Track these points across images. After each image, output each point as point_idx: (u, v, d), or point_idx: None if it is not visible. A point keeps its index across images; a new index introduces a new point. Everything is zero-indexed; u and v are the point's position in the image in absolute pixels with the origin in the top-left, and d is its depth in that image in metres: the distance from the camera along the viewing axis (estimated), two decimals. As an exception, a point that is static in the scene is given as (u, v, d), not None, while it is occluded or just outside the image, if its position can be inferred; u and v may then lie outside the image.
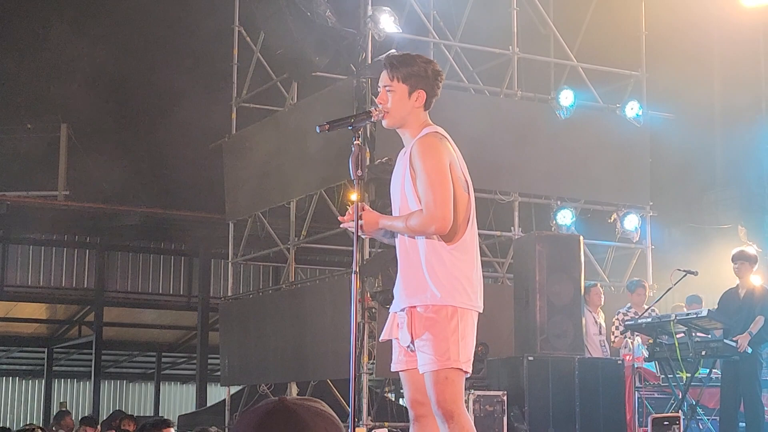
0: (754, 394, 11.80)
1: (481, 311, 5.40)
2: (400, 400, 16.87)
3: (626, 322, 13.54)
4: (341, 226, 5.57)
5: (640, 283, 15.18)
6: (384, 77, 5.48)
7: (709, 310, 11.89)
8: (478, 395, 12.26)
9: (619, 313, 14.71)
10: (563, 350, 12.84)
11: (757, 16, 17.97)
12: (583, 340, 13.51)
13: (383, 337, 5.59)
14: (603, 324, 14.56)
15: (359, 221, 5.34)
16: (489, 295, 5.67)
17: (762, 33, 18.34)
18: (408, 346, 5.33)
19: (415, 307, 5.27)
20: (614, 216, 16.94)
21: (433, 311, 5.21)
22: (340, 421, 2.68)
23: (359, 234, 5.40)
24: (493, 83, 17.11)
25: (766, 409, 12.31)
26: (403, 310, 5.35)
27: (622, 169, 17.11)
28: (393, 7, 15.67)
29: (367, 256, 14.30)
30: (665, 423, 11.14)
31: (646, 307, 14.16)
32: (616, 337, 14.42)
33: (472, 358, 5.36)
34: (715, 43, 18.51)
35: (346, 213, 5.47)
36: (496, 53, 17.11)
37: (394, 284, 5.57)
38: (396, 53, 5.64)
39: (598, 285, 15.04)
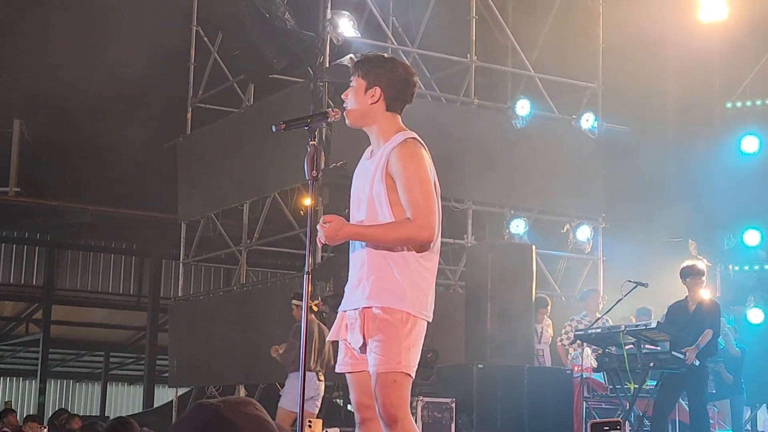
0: (701, 406, 11.87)
1: (430, 321, 5.37)
2: (349, 405, 16.81)
3: (576, 332, 13.58)
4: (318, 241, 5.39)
5: (594, 290, 15.29)
6: (351, 73, 5.45)
7: (658, 321, 11.95)
8: (426, 402, 12.25)
9: (572, 320, 14.77)
10: (513, 358, 12.86)
11: (713, 31, 18.11)
12: (533, 348, 13.55)
13: (330, 337, 5.53)
14: (543, 332, 14.63)
15: (325, 225, 5.23)
16: (440, 303, 5.65)
17: (717, 49, 18.47)
18: (357, 349, 5.29)
19: (369, 308, 5.22)
20: (567, 226, 17.02)
21: (389, 313, 5.17)
22: (274, 425, 2.63)
23: (322, 242, 5.34)
24: (451, 91, 17.13)
25: (711, 422, 12.39)
26: (355, 310, 5.29)
27: (576, 180, 17.20)
28: (352, 12, 15.66)
29: (319, 260, 14.26)
30: (605, 428, 11.16)
31: (599, 315, 14.22)
32: (562, 341, 14.48)
33: (417, 366, 5.32)
34: (671, 57, 18.63)
35: (319, 224, 5.31)
36: (453, 61, 17.14)
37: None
38: (372, 53, 5.59)
39: (546, 296, 15.09)
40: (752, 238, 17.73)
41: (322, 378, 13.26)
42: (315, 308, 14.40)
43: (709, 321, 11.97)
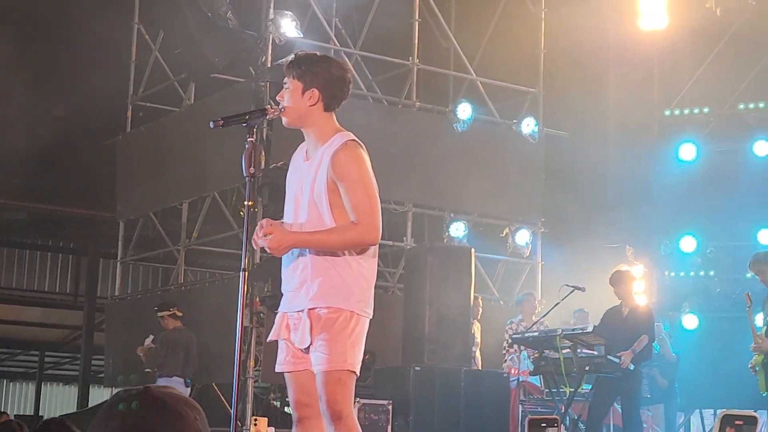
0: (634, 410, 11.99)
1: (371, 318, 5.40)
2: (286, 407, 16.77)
3: (513, 336, 13.65)
4: (255, 245, 5.37)
5: (529, 293, 15.42)
6: (285, 74, 5.44)
7: (594, 326, 12.04)
8: (363, 403, 12.25)
9: (511, 323, 14.89)
10: (450, 361, 12.89)
11: (653, 39, 18.28)
12: (470, 351, 13.59)
13: (271, 337, 5.52)
14: (477, 337, 14.70)
15: (267, 236, 5.22)
16: (379, 305, 5.66)
17: (657, 56, 18.65)
18: (302, 349, 5.29)
19: (315, 309, 5.23)
20: (506, 230, 17.10)
21: (335, 313, 5.20)
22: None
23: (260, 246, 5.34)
24: (393, 93, 17.14)
25: (644, 426, 12.50)
26: (299, 312, 5.30)
27: (516, 185, 17.29)
28: (295, 12, 15.62)
29: (257, 261, 14.21)
30: (542, 425, 11.23)
31: (535, 319, 14.31)
32: (505, 349, 14.59)
33: (360, 363, 5.36)
34: (612, 64, 18.78)
35: (254, 232, 5.30)
36: (396, 63, 17.16)
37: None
38: (303, 52, 5.57)
39: (479, 297, 15.14)
40: (688, 244, 17.91)
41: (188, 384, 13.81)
42: (178, 313, 14.60)
43: (643, 327, 12.10)
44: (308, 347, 5.26)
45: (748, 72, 18.03)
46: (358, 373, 5.29)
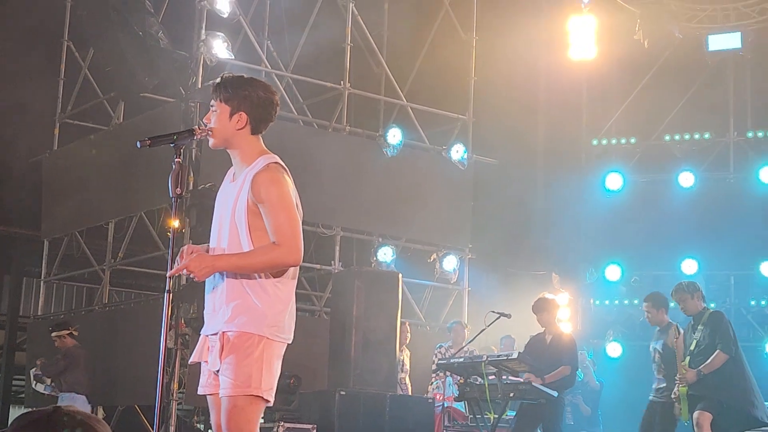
0: (557, 437, 12.05)
1: (290, 343, 5.36)
2: (209, 430, 16.62)
3: (439, 362, 13.67)
4: (170, 274, 5.30)
5: (458, 322, 15.48)
6: (212, 97, 5.42)
7: (519, 352, 12.10)
8: (287, 427, 12.18)
9: (440, 347, 14.94)
10: (376, 386, 12.86)
11: (582, 69, 18.51)
12: (396, 376, 13.58)
13: (192, 359, 5.49)
14: (403, 361, 14.70)
15: (188, 258, 5.19)
16: (305, 328, 5.65)
17: (585, 86, 18.89)
18: (215, 371, 5.27)
19: (226, 332, 5.21)
20: (434, 256, 17.15)
21: (243, 338, 5.17)
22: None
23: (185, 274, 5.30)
24: (323, 117, 17.14)
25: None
26: (215, 334, 5.28)
27: (444, 211, 17.35)
28: (227, 33, 15.57)
29: (183, 282, 14.10)
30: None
31: (463, 345, 14.38)
32: (435, 373, 14.63)
33: (275, 388, 5.31)
34: (542, 92, 18.96)
35: (176, 260, 5.26)
36: (327, 87, 17.16)
37: (207, 309, 5.49)
38: (230, 74, 5.55)
39: (406, 323, 15.16)
40: (613, 273, 18.12)
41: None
42: (75, 332, 14.54)
43: (566, 356, 12.19)
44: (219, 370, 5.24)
45: (675, 104, 18.32)
46: (268, 398, 5.23)
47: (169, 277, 5.23)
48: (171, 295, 5.22)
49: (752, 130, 18.14)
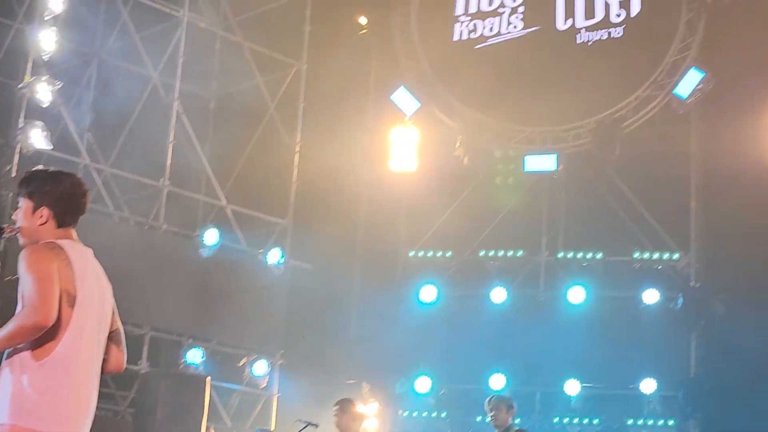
0: None
1: None
2: None
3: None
4: None
5: (266, 431, 15.27)
6: (18, 192, 5.29)
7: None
8: None
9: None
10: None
11: (402, 180, 18.79)
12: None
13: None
14: None
15: None
16: (107, 429, 5.43)
17: (405, 198, 19.11)
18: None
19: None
20: (244, 360, 16.95)
21: (6, 429, 4.95)
22: None
23: None
24: (141, 213, 16.87)
25: None
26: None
27: (257, 315, 17.20)
28: (47, 123, 15.25)
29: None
30: None
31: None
32: None
33: None
34: (362, 201, 19.12)
35: None
36: (146, 183, 16.93)
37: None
38: (35, 169, 5.42)
39: (211, 428, 14.86)
40: (423, 385, 18.17)
41: None
42: None
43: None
44: None
45: (490, 220, 18.67)
46: None
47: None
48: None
49: (563, 251, 18.60)
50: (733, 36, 17.30)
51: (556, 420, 17.99)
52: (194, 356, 16.24)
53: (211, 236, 16.59)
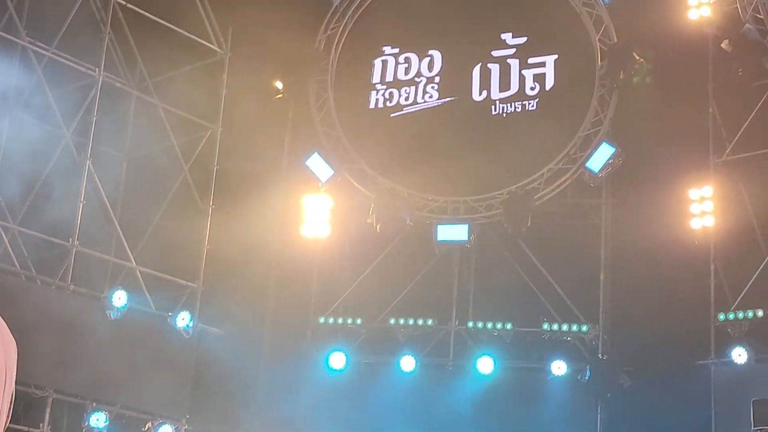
0: None
1: None
2: None
3: None
4: None
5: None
6: None
7: None
8: None
9: None
10: None
11: (315, 246, 18.78)
12: None
13: None
14: None
15: None
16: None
17: (317, 264, 19.08)
18: None
19: None
20: (149, 425, 16.70)
21: None
22: None
23: None
24: (48, 273, 16.59)
25: None
26: None
27: (164, 378, 16.94)
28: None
29: None
30: None
31: None
32: None
33: None
34: (274, 266, 19.02)
35: None
36: (54, 243, 16.68)
37: None
38: None
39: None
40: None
41: None
42: None
43: None
44: None
45: (401, 288, 18.66)
46: None
47: None
48: None
49: (472, 320, 18.63)
50: (643, 112, 17.66)
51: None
52: (97, 420, 15.95)
53: (119, 298, 16.39)
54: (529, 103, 18.64)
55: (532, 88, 18.66)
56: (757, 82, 17.31)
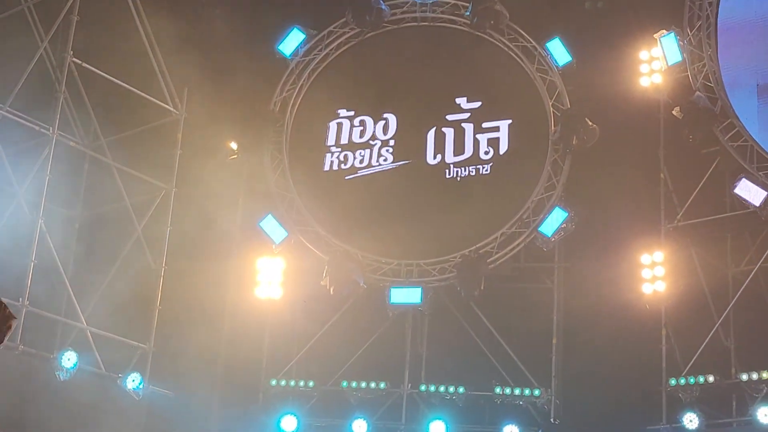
0: None
1: None
2: None
3: None
4: None
5: None
6: None
7: None
8: None
9: None
10: None
11: (267, 307, 18.72)
12: None
13: None
14: None
15: None
16: None
17: (269, 326, 19.00)
18: None
19: None
20: (98, 487, 16.46)
21: None
22: None
23: None
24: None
25: None
26: None
27: (112, 440, 16.78)
28: None
29: None
30: None
31: None
32: None
33: None
34: (226, 327, 18.92)
35: None
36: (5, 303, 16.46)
37: None
38: None
39: None
40: None
41: None
42: None
43: None
44: None
45: (354, 351, 18.61)
46: None
47: None
48: None
49: (425, 384, 18.59)
50: (596, 178, 17.82)
51: None
52: (46, 483, 15.71)
53: (69, 359, 16.24)
54: (483, 167, 18.76)
55: (486, 153, 18.80)
56: (707, 149, 17.56)
